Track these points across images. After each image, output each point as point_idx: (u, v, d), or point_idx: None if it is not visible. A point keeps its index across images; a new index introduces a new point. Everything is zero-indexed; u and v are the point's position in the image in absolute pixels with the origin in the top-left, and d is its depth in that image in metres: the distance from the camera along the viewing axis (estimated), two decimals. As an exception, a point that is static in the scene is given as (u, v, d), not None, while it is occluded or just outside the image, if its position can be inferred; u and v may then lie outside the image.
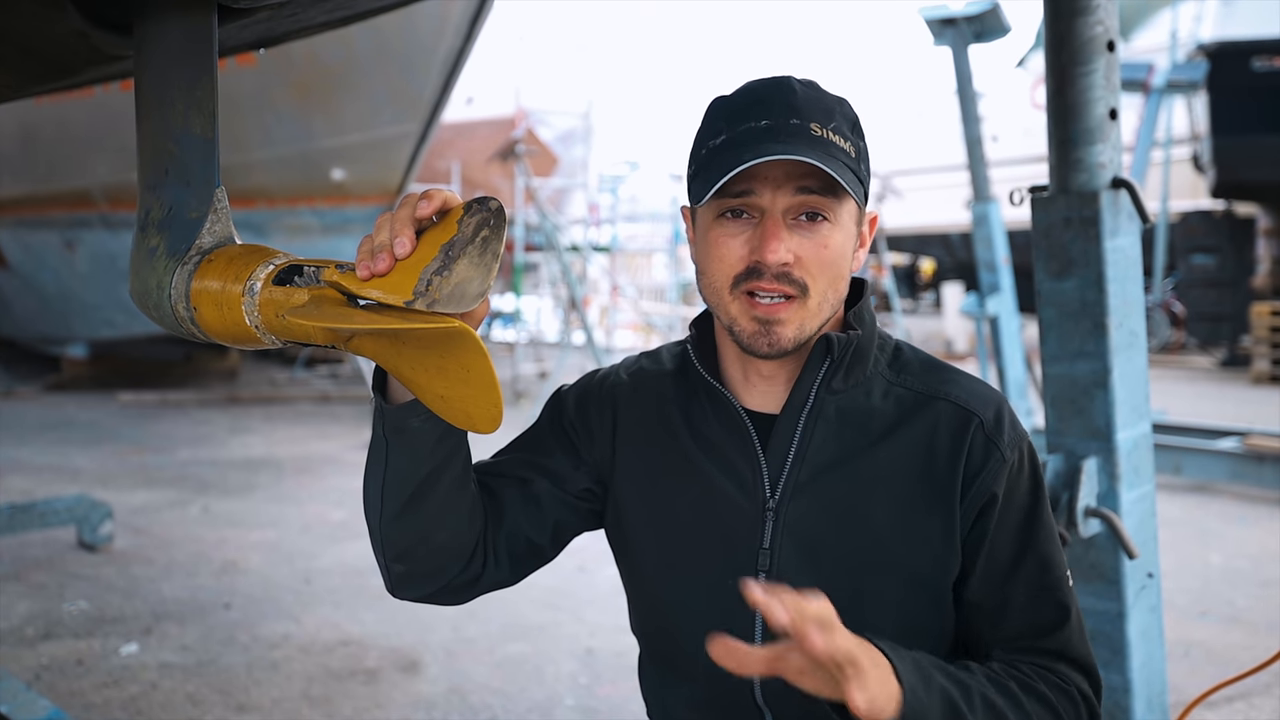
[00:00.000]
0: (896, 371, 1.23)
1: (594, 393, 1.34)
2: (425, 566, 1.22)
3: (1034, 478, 1.20)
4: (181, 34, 1.28)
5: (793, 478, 1.19)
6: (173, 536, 5.22)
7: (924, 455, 1.18)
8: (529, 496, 1.28)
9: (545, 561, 1.33)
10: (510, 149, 10.88)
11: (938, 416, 1.19)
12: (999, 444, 1.17)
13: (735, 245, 1.13)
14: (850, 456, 1.19)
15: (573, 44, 31.55)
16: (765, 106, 1.13)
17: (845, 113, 1.16)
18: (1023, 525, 1.19)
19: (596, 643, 3.79)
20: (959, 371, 1.25)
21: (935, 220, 19.87)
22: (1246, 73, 11.98)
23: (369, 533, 1.23)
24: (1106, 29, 1.91)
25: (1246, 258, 13.87)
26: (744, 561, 1.19)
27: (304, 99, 8.78)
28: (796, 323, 1.14)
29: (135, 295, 1.27)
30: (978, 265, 6.82)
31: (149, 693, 3.33)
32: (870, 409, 1.20)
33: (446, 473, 1.16)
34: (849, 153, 1.13)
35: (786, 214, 1.12)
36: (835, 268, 1.14)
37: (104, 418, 9.10)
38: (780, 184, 1.11)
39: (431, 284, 0.93)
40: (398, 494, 1.16)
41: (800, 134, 1.10)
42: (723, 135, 1.13)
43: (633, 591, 1.34)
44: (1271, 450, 5.98)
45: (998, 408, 1.20)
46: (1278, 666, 1.98)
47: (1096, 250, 1.90)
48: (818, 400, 1.19)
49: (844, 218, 1.14)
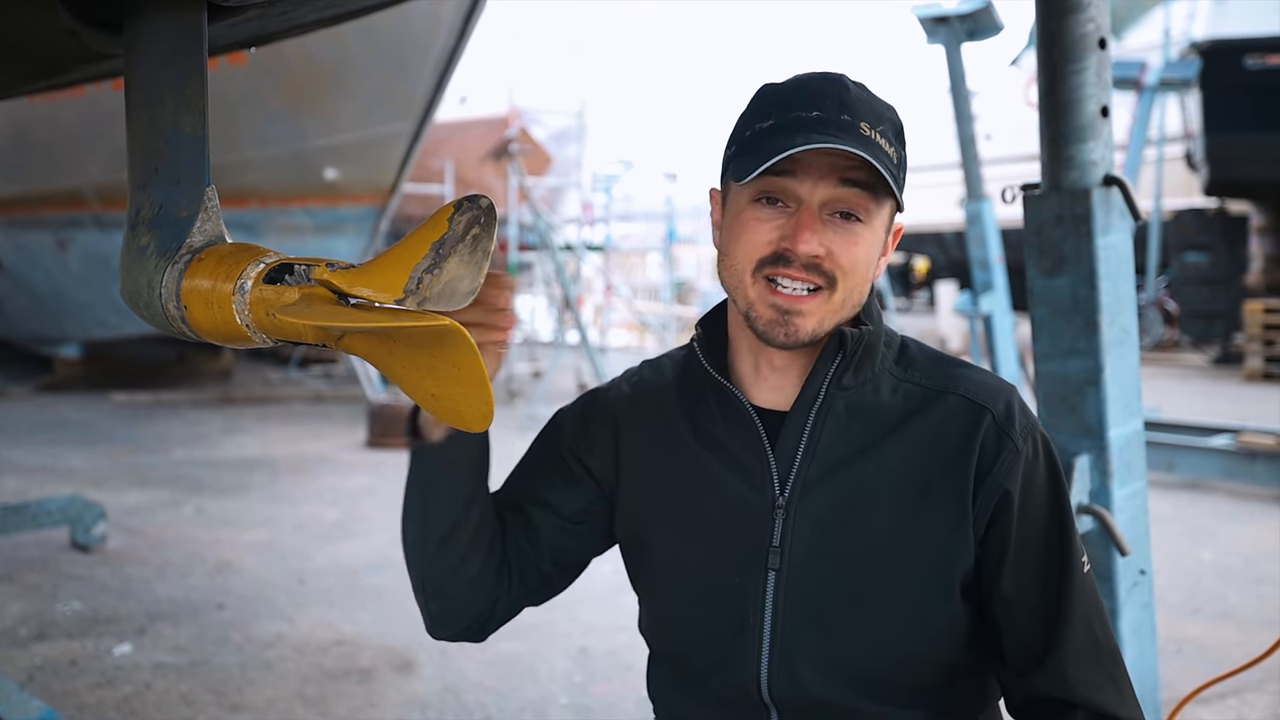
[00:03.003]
0: (904, 367, 1.23)
1: (594, 408, 1.35)
2: (460, 604, 1.28)
3: (1050, 466, 1.20)
4: (171, 32, 1.28)
5: (802, 475, 1.19)
6: (166, 537, 5.21)
7: (934, 450, 1.17)
8: (528, 525, 1.31)
9: (557, 589, 1.36)
10: (504, 148, 10.86)
11: (948, 411, 1.18)
12: (1011, 435, 1.16)
13: (765, 230, 1.13)
14: (860, 453, 1.18)
15: (566, 43, 31.60)
16: (817, 98, 1.12)
17: (893, 119, 1.16)
18: (1049, 516, 1.18)
19: (591, 642, 3.79)
20: (966, 364, 1.24)
21: (929, 219, 19.90)
22: (1239, 71, 12.02)
23: (410, 574, 1.29)
24: (1098, 27, 1.91)
25: (1239, 255, 13.92)
26: (755, 559, 1.19)
27: (296, 98, 8.77)
28: (818, 316, 1.13)
29: (126, 294, 1.27)
30: (971, 263, 6.84)
31: (142, 693, 3.32)
32: (879, 405, 1.20)
33: (477, 503, 1.24)
34: (892, 158, 1.12)
35: (823, 208, 1.12)
36: (863, 269, 1.14)
37: (97, 418, 9.08)
38: (823, 175, 1.11)
39: (422, 282, 0.93)
40: (435, 531, 1.23)
41: (850, 130, 1.10)
42: (771, 120, 1.12)
43: (644, 594, 1.34)
44: (1264, 447, 5.99)
45: (1008, 399, 1.19)
46: (1270, 663, 1.98)
47: (1088, 247, 1.91)
48: (828, 397, 1.19)
49: (877, 222, 1.14)
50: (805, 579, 1.17)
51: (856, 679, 1.17)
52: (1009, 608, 1.17)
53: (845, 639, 1.16)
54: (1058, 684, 1.15)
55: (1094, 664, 1.16)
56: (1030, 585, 1.17)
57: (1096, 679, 1.15)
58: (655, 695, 1.34)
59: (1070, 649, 1.15)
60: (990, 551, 1.17)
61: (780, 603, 1.17)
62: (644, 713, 1.36)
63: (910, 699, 1.18)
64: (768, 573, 1.18)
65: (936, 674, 1.19)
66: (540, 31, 20.18)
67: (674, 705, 1.30)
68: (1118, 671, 1.17)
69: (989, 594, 1.18)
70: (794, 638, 1.17)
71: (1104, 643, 1.17)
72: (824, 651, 1.16)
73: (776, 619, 1.17)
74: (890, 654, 1.16)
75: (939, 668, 1.19)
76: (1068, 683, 1.14)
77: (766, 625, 1.18)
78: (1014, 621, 1.17)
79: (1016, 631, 1.17)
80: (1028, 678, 1.17)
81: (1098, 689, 1.14)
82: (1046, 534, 1.17)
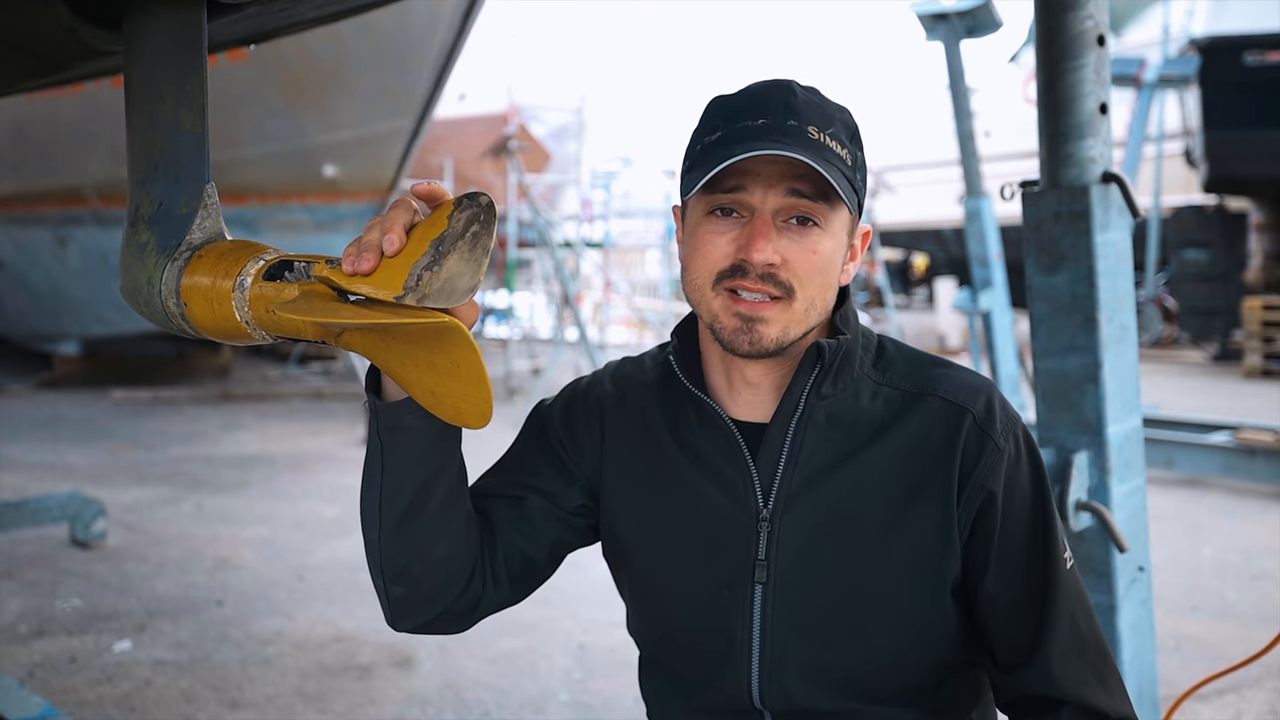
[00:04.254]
0: (882, 371, 1.21)
1: (580, 404, 1.32)
2: (424, 588, 1.20)
3: (1033, 462, 1.19)
4: (171, 29, 1.28)
5: (785, 486, 1.18)
6: (165, 533, 5.21)
7: (917, 455, 1.16)
8: (522, 515, 1.27)
9: (543, 579, 1.32)
10: (503, 145, 10.86)
11: (929, 414, 1.17)
12: (992, 434, 1.16)
13: (721, 243, 1.12)
14: (842, 461, 1.17)
15: (565, 40, 31.43)
16: (764, 106, 1.11)
17: (845, 120, 1.15)
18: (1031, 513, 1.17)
19: (590, 638, 3.80)
20: (944, 362, 1.23)
21: (928, 215, 19.91)
22: (1238, 67, 12.02)
23: (367, 554, 1.20)
24: (1097, 23, 1.91)
25: (1238, 252, 13.93)
26: (740, 572, 1.18)
27: (296, 95, 8.76)
28: (780, 324, 1.11)
29: (126, 291, 1.27)
30: (970, 260, 6.84)
31: (142, 690, 3.32)
32: (859, 411, 1.19)
33: (443, 478, 1.15)
34: (845, 160, 1.11)
35: (777, 215, 1.11)
36: (823, 275, 1.12)
37: (96, 415, 9.08)
38: (773, 183, 1.09)
39: (422, 279, 0.93)
40: (396, 502, 1.14)
41: (797, 135, 1.09)
42: (719, 132, 1.11)
43: (629, 600, 1.33)
44: (1263, 444, 6.00)
45: (988, 397, 1.18)
46: (1268, 659, 1.99)
47: (1087, 244, 1.91)
48: (807, 407, 1.18)
49: (835, 226, 1.13)
50: (793, 591, 1.16)
51: (847, 684, 1.17)
52: (994, 605, 1.17)
53: (835, 647, 1.16)
54: (1044, 681, 1.15)
55: (1080, 660, 1.16)
56: (1015, 582, 1.16)
57: (1083, 674, 1.15)
58: (647, 696, 1.33)
59: (1056, 645, 1.15)
60: (975, 551, 1.17)
61: (768, 616, 1.17)
62: (642, 709, 1.36)
63: (903, 698, 1.18)
64: (754, 586, 1.17)
65: (928, 674, 1.19)
66: (539, 28, 20.21)
67: (666, 707, 1.29)
68: (1104, 666, 1.17)
69: (975, 593, 1.18)
70: (784, 650, 1.16)
71: (1090, 638, 1.17)
72: (814, 661, 1.16)
73: (765, 632, 1.17)
74: (880, 658, 1.16)
75: (930, 668, 1.19)
76: (1054, 679, 1.14)
77: (755, 639, 1.17)
78: (999, 619, 1.17)
79: (1002, 629, 1.17)
80: (1015, 675, 1.17)
81: (1084, 684, 1.15)
82: (1030, 531, 1.17)
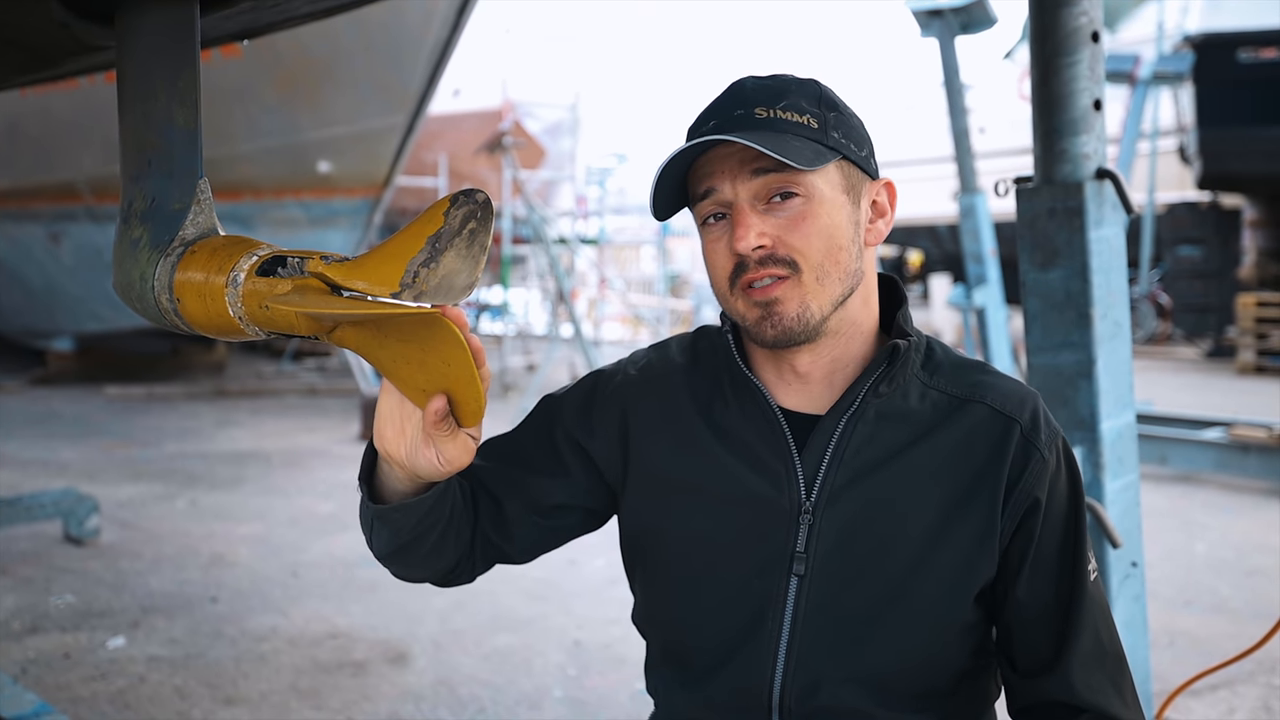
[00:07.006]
0: (930, 373, 1.21)
1: (599, 393, 1.31)
2: (414, 573, 1.26)
3: (1070, 475, 1.20)
4: (164, 25, 1.28)
5: (829, 480, 1.17)
6: (160, 530, 5.20)
7: (963, 460, 1.16)
8: (501, 516, 1.27)
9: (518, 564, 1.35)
10: (498, 141, 10.86)
11: (975, 421, 1.17)
12: (1038, 445, 1.16)
13: (720, 248, 1.13)
14: (887, 460, 1.17)
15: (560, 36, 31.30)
16: (716, 109, 1.13)
17: (806, 90, 1.14)
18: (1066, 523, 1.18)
19: (584, 635, 3.80)
20: (989, 369, 1.23)
21: (923, 212, 19.91)
22: (1232, 64, 12.04)
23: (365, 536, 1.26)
24: (1091, 20, 1.91)
25: (1232, 249, 13.97)
26: (776, 564, 1.17)
27: (290, 91, 8.75)
28: (796, 300, 1.11)
29: (119, 287, 1.26)
30: (965, 257, 6.85)
31: (136, 686, 3.32)
32: (908, 411, 1.18)
33: (433, 531, 1.17)
34: (806, 124, 1.11)
35: (757, 200, 1.11)
36: (824, 239, 1.11)
37: (90, 411, 9.06)
38: (736, 172, 1.10)
39: (418, 275, 0.92)
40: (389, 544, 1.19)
41: (743, 121, 1.10)
42: (681, 147, 1.13)
43: (646, 588, 1.30)
44: (1256, 440, 6.02)
45: (1034, 408, 1.18)
46: (1261, 655, 2.00)
47: (1081, 241, 1.91)
48: (863, 403, 1.18)
49: (820, 188, 1.11)
50: (829, 586, 1.16)
51: (872, 685, 1.16)
52: (1022, 612, 1.17)
53: (866, 645, 1.16)
54: (1065, 689, 1.15)
55: (1100, 670, 1.16)
56: (1045, 590, 1.17)
57: (1102, 685, 1.15)
58: (654, 690, 1.32)
59: (1078, 655, 1.15)
60: (1011, 559, 1.17)
61: (801, 608, 1.16)
62: (638, 706, 1.35)
63: (921, 704, 1.18)
64: (790, 578, 1.16)
65: (948, 679, 1.19)
66: (534, 25, 20.12)
67: (673, 702, 1.28)
68: (1122, 678, 1.18)
69: (1004, 598, 1.18)
70: (814, 644, 1.16)
71: (1110, 649, 1.18)
72: (843, 658, 1.16)
73: (796, 624, 1.16)
74: (908, 660, 1.16)
75: (951, 673, 1.18)
76: (1075, 688, 1.15)
77: (785, 630, 1.16)
78: (1025, 625, 1.17)
79: (1027, 635, 1.18)
80: (1035, 681, 1.17)
81: (1103, 695, 1.15)
82: (1063, 542, 1.17)
